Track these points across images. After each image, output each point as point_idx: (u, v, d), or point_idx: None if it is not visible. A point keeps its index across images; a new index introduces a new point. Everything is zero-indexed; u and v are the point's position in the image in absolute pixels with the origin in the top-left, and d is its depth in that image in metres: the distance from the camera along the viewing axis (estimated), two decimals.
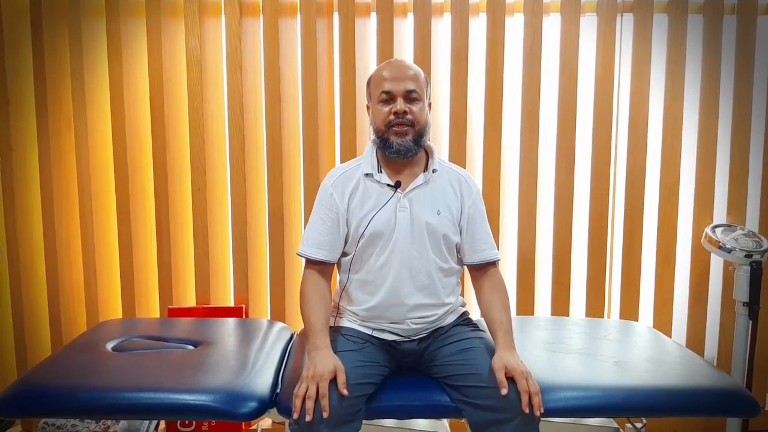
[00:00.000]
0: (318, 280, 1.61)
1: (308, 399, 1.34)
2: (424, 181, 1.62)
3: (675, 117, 2.35)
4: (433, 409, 1.51)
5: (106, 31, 2.32)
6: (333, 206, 1.61)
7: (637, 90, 2.34)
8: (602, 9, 2.31)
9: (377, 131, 1.61)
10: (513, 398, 1.38)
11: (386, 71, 1.60)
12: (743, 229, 2.27)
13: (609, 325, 2.05)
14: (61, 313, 2.39)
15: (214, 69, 2.38)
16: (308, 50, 2.31)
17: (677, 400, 1.48)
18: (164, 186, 2.36)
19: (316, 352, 1.45)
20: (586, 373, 1.58)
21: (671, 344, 1.85)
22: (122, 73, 2.32)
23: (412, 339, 1.63)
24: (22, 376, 1.56)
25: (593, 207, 2.37)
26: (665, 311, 2.41)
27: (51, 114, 2.34)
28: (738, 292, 2.20)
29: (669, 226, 2.38)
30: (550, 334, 1.93)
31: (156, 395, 1.44)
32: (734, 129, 2.36)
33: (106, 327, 1.97)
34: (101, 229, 2.41)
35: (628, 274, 2.40)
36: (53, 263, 2.37)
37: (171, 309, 2.36)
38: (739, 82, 2.34)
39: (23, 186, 2.39)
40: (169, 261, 2.38)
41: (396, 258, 1.58)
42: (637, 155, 2.36)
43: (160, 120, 2.34)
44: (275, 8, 2.30)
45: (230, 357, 1.67)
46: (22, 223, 2.38)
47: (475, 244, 1.66)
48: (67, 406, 1.44)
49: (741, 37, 2.32)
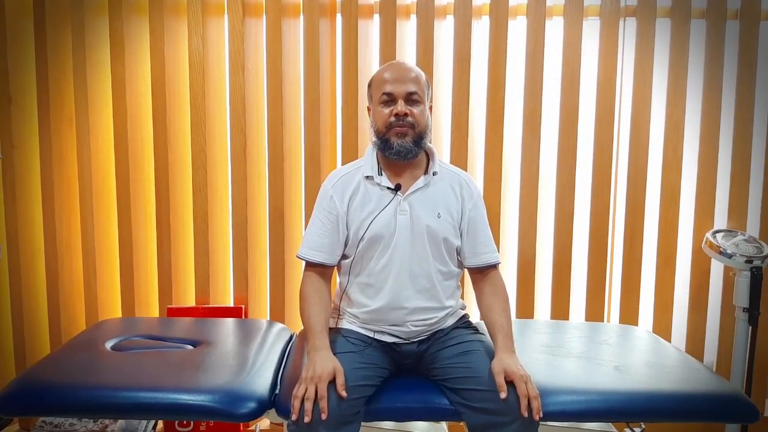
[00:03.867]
0: (318, 282, 1.61)
1: (307, 400, 1.34)
2: (424, 184, 1.62)
3: (677, 121, 2.35)
4: (432, 412, 1.51)
5: (109, 30, 2.32)
6: (333, 209, 1.61)
7: (639, 94, 2.34)
8: (605, 13, 2.31)
9: (378, 132, 1.60)
10: (512, 402, 1.37)
11: (387, 73, 1.60)
12: (744, 234, 2.27)
13: (609, 329, 2.05)
14: (60, 311, 2.39)
15: (217, 68, 2.38)
16: (311, 51, 2.31)
17: (676, 405, 1.48)
18: (165, 185, 2.36)
19: (315, 353, 1.45)
20: (586, 377, 1.58)
21: (671, 349, 1.85)
22: (124, 72, 2.32)
23: (412, 341, 1.63)
24: (21, 374, 1.56)
25: (594, 211, 2.37)
26: (665, 316, 2.40)
27: (53, 112, 2.34)
28: (738, 298, 2.20)
29: (670, 230, 2.38)
30: (549, 337, 1.93)
31: (154, 395, 1.44)
32: (736, 134, 2.36)
33: (105, 326, 1.97)
34: (101, 227, 2.41)
35: (628, 278, 2.40)
36: (53, 261, 2.37)
37: (170, 308, 2.36)
38: (741, 87, 2.34)
39: (24, 184, 2.39)
40: (169, 260, 2.38)
41: (396, 261, 1.58)
42: (638, 159, 2.36)
43: (162, 119, 2.34)
44: (278, 8, 2.30)
45: (229, 357, 1.67)
46: (22, 221, 2.38)
47: (476, 247, 1.66)
48: (66, 404, 1.44)
49: (743, 42, 2.32)
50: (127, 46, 2.32)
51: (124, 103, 2.33)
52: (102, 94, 2.38)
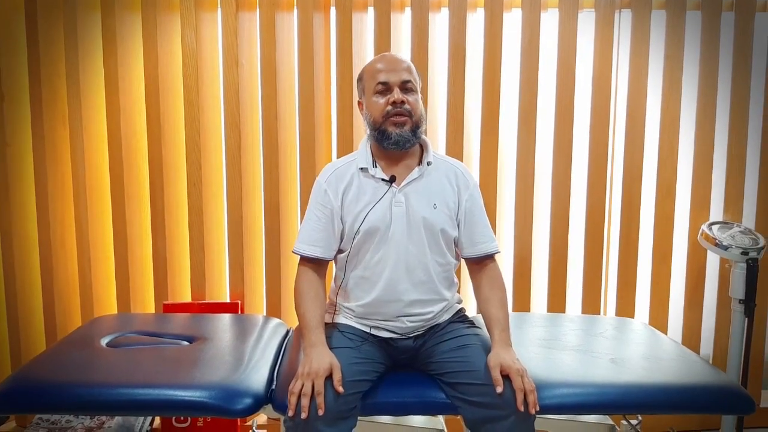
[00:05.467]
0: (313, 277, 1.60)
1: (303, 396, 1.34)
2: (419, 175, 1.61)
3: (672, 113, 2.35)
4: (428, 406, 1.51)
5: (102, 26, 2.30)
6: (327, 203, 1.61)
7: (634, 86, 2.33)
8: (600, 5, 2.30)
9: (374, 123, 1.59)
10: (508, 396, 1.37)
11: (380, 63, 1.60)
12: (740, 226, 2.27)
13: (605, 322, 2.05)
14: (55, 307, 2.38)
15: (210, 64, 2.37)
16: (305, 45, 2.30)
17: (673, 398, 1.48)
18: (160, 181, 2.35)
19: (311, 348, 1.44)
20: (582, 370, 1.58)
21: (667, 341, 1.85)
22: (118, 68, 2.31)
23: (408, 336, 1.62)
24: (16, 371, 1.55)
25: (590, 203, 2.37)
26: (661, 308, 2.41)
27: (46, 109, 2.32)
28: (734, 290, 2.20)
29: (666, 222, 2.38)
30: (546, 330, 1.93)
31: (151, 391, 1.44)
32: (732, 126, 2.36)
33: (100, 322, 1.97)
34: (96, 224, 2.40)
35: (624, 271, 2.40)
36: (48, 258, 2.36)
37: (166, 304, 2.35)
38: (737, 78, 2.33)
39: (18, 181, 2.37)
40: (164, 256, 2.37)
41: (392, 254, 1.57)
42: (634, 151, 2.36)
43: (156, 115, 2.33)
44: (272, 2, 2.28)
45: (225, 353, 1.66)
46: (16, 217, 2.37)
47: (474, 237, 1.65)
48: (62, 401, 1.44)
49: (739, 34, 2.32)
50: (119, 41, 2.31)
51: (118, 99, 2.31)
52: (95, 90, 2.36)
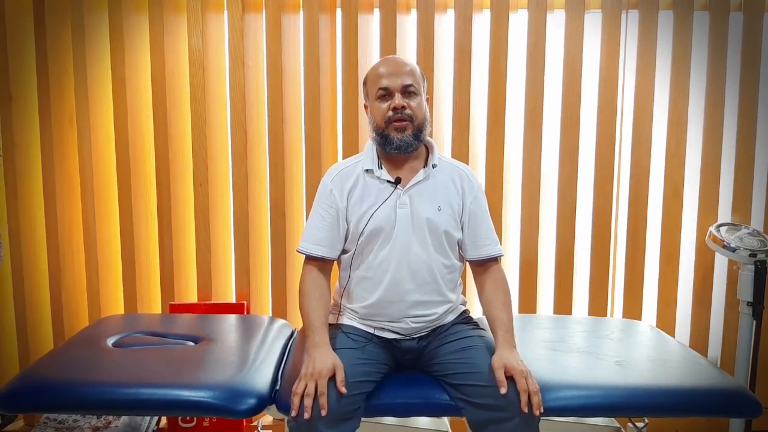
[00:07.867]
0: (317, 277, 1.60)
1: (307, 397, 1.34)
2: (424, 177, 1.61)
3: (680, 114, 2.33)
4: (432, 408, 1.50)
5: (109, 26, 2.31)
6: (332, 203, 1.61)
7: (641, 87, 2.32)
8: (607, 5, 2.29)
9: (377, 128, 1.60)
10: (512, 397, 1.37)
11: (382, 68, 1.60)
12: (748, 228, 2.25)
13: (612, 324, 2.04)
14: (63, 307, 2.40)
15: (217, 64, 2.38)
16: (311, 46, 2.30)
17: (679, 400, 1.47)
18: (166, 181, 2.36)
19: (315, 349, 1.44)
20: (588, 372, 1.57)
21: (674, 344, 1.84)
22: (125, 69, 2.32)
23: (412, 337, 1.62)
24: (24, 370, 1.56)
25: (597, 205, 2.36)
26: (668, 310, 2.39)
27: (53, 109, 2.34)
28: (742, 292, 2.18)
29: (673, 224, 2.37)
30: (552, 332, 1.92)
31: (156, 391, 1.44)
32: (740, 127, 2.34)
33: (107, 322, 1.98)
34: (103, 224, 2.41)
35: (631, 273, 2.38)
36: (55, 258, 2.38)
37: (172, 305, 2.36)
38: (745, 79, 2.32)
39: (26, 181, 2.39)
40: (170, 256, 2.38)
41: (395, 254, 1.57)
42: (641, 153, 2.34)
43: (162, 115, 2.34)
44: (278, 4, 2.29)
45: (231, 353, 1.67)
46: (24, 217, 2.38)
47: (477, 239, 1.65)
48: (68, 401, 1.45)
49: (747, 34, 2.30)
50: (127, 42, 2.32)
51: (125, 99, 2.33)
52: (102, 91, 2.38)
